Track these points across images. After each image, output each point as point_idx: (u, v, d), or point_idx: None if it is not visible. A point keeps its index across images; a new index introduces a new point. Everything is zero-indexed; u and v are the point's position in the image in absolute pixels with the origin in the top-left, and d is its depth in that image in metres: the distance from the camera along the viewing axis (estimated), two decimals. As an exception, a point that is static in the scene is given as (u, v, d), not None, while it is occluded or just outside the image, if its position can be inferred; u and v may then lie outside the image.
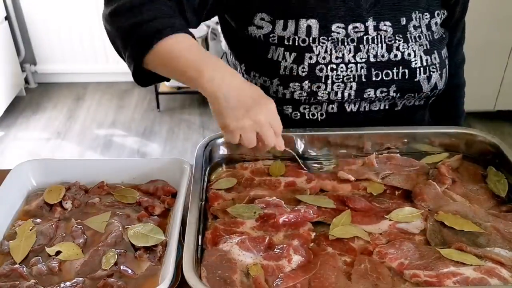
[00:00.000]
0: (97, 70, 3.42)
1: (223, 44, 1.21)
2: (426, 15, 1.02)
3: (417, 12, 1.02)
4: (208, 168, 0.98)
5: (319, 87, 0.99)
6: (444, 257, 0.77)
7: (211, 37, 3.00)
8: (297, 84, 0.99)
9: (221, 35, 1.28)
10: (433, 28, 1.04)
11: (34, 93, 3.38)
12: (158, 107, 3.19)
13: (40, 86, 3.46)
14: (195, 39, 0.89)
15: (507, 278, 0.73)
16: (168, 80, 0.94)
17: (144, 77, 0.93)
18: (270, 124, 0.85)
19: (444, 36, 1.07)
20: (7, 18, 3.12)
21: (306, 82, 0.99)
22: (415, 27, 1.01)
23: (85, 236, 0.84)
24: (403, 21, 1.00)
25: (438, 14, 1.04)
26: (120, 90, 3.40)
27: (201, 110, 3.17)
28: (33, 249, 0.82)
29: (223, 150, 1.02)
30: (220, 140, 1.01)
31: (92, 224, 0.86)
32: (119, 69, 3.41)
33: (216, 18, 1.09)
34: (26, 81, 3.39)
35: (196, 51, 0.86)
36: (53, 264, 0.78)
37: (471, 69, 1.21)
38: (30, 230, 0.84)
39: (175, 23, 0.88)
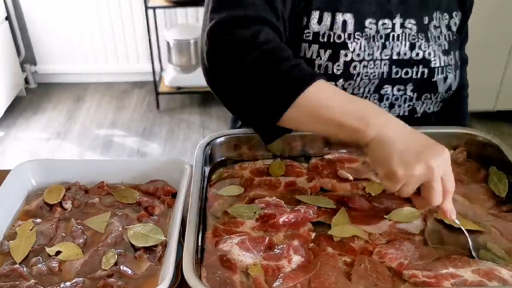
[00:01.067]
0: (97, 70, 3.42)
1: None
2: (445, 16, 1.03)
3: (437, 12, 1.02)
4: (208, 168, 0.98)
5: (350, 84, 0.98)
6: (443, 258, 0.77)
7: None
8: (332, 82, 0.96)
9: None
10: (453, 28, 1.04)
11: (34, 94, 3.38)
12: (158, 107, 3.19)
13: (40, 86, 3.46)
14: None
15: (507, 279, 0.73)
16: (288, 132, 0.88)
17: (269, 133, 0.87)
18: (441, 176, 0.73)
19: (456, 37, 1.07)
20: (7, 18, 3.12)
21: (341, 80, 0.97)
22: (435, 27, 1.01)
23: (85, 236, 0.84)
24: (426, 20, 1.00)
25: (456, 15, 1.05)
26: (120, 90, 3.40)
27: (201, 110, 3.17)
28: (33, 249, 0.82)
29: (222, 150, 1.02)
30: (220, 140, 1.01)
31: (92, 224, 0.86)
32: (119, 69, 3.41)
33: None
34: (26, 81, 3.39)
35: (345, 98, 0.78)
36: (53, 264, 0.78)
37: (471, 69, 1.21)
38: (30, 230, 0.84)
39: (308, 67, 0.81)
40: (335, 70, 0.96)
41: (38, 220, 0.88)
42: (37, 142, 2.91)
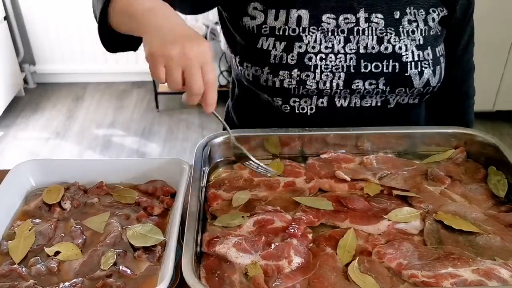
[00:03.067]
0: (96, 70, 3.42)
1: (222, 44, 1.22)
2: (421, 12, 1.03)
3: (412, 7, 1.02)
4: (207, 168, 0.98)
5: (307, 75, 1.00)
6: (442, 258, 0.77)
7: (210, 37, 3.00)
8: (286, 72, 1.00)
9: (221, 35, 1.28)
10: (430, 23, 1.04)
11: (33, 93, 3.38)
12: (157, 107, 3.19)
13: (39, 86, 3.46)
14: None
15: (507, 279, 0.73)
16: (134, 48, 0.93)
17: (111, 40, 0.91)
18: (199, 65, 0.75)
19: (440, 34, 1.06)
20: (6, 18, 3.12)
21: (295, 70, 1.00)
22: (409, 22, 1.02)
23: (84, 236, 0.84)
24: (397, 14, 1.01)
25: (434, 11, 1.04)
26: (119, 90, 3.40)
27: (200, 110, 3.17)
28: (32, 249, 0.82)
29: (222, 150, 1.02)
30: (219, 140, 1.01)
31: (91, 224, 0.86)
32: (118, 69, 3.41)
33: (215, 18, 1.10)
34: (25, 81, 3.39)
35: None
36: (52, 265, 0.78)
37: (470, 69, 1.21)
38: (29, 230, 0.84)
39: None
40: (289, 60, 1.00)
41: (37, 220, 0.87)
42: (36, 142, 2.91)
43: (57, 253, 0.80)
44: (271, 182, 0.96)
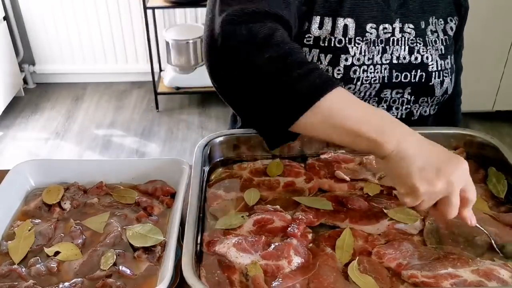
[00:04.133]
0: (96, 70, 3.41)
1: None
2: (440, 21, 1.04)
3: (434, 17, 1.02)
4: (207, 168, 0.98)
5: (349, 88, 0.98)
6: (442, 258, 0.77)
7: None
8: None
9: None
10: (449, 33, 1.05)
11: (32, 94, 3.37)
12: (157, 107, 3.18)
13: (38, 86, 3.45)
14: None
15: (506, 280, 0.73)
16: (296, 138, 0.83)
17: (276, 137, 0.83)
18: (462, 189, 0.73)
19: (452, 42, 1.08)
20: (6, 18, 3.12)
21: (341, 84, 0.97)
22: (432, 32, 1.02)
23: (83, 237, 0.84)
24: (423, 24, 1.01)
25: (451, 20, 1.05)
26: (119, 90, 3.40)
27: (200, 110, 3.17)
28: (32, 250, 0.82)
29: (222, 150, 1.02)
30: (219, 140, 1.01)
31: (91, 224, 0.86)
32: (117, 69, 3.41)
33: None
34: (25, 81, 3.39)
35: (364, 107, 0.76)
36: (51, 265, 0.78)
37: (470, 69, 1.21)
38: (29, 231, 0.84)
39: (325, 73, 0.78)
40: (335, 74, 0.96)
41: (37, 221, 0.87)
42: (36, 142, 2.91)
43: (56, 253, 0.80)
44: (271, 182, 0.96)
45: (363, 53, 0.97)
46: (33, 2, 3.16)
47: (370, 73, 0.98)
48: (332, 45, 0.96)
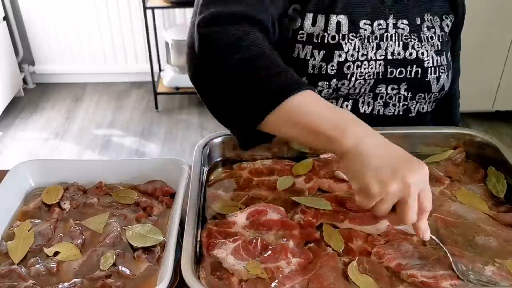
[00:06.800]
0: (96, 70, 3.42)
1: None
2: (436, 18, 1.04)
3: (429, 14, 1.03)
4: (206, 169, 0.98)
5: (343, 83, 0.99)
6: (442, 258, 0.77)
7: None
8: (325, 82, 0.98)
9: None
10: (445, 29, 1.06)
11: (32, 94, 3.38)
12: (156, 107, 3.19)
13: (38, 86, 3.46)
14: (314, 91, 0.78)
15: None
16: (271, 140, 0.84)
17: (248, 137, 0.85)
18: (419, 193, 0.69)
19: (449, 39, 1.08)
20: (6, 18, 3.12)
21: (334, 80, 0.98)
22: (428, 28, 1.03)
23: (83, 237, 0.84)
24: (418, 21, 1.02)
25: (447, 18, 1.06)
26: (119, 90, 3.40)
27: (199, 111, 3.17)
28: (31, 250, 0.82)
29: (221, 150, 1.02)
30: (219, 140, 1.01)
31: (90, 224, 0.86)
32: (117, 69, 3.41)
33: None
34: (25, 81, 3.39)
35: (325, 106, 0.76)
36: (51, 265, 0.78)
37: (470, 69, 1.21)
38: (28, 231, 0.84)
39: (296, 75, 0.79)
40: (329, 70, 0.97)
41: (36, 221, 0.87)
42: (35, 142, 2.91)
43: (56, 253, 0.80)
44: (270, 182, 0.96)
45: (357, 49, 0.98)
46: (33, 2, 3.16)
47: (364, 68, 0.99)
48: (326, 41, 0.97)
